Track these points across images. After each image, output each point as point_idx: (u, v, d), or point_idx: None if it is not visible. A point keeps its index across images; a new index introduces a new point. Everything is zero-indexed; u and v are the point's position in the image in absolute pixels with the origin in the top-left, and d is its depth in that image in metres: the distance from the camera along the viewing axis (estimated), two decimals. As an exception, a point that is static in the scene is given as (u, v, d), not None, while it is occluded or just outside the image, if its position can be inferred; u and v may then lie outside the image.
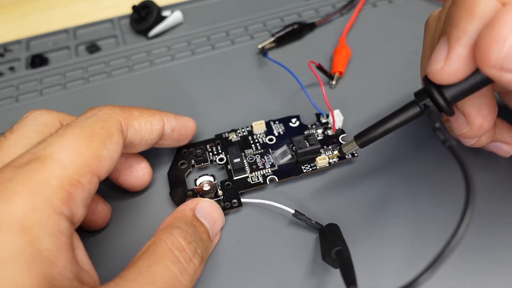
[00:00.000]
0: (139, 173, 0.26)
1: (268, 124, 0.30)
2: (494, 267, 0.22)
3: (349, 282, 0.19)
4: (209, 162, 0.28)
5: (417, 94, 0.21)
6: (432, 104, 0.20)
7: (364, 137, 0.23)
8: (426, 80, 0.20)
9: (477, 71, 0.18)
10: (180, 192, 0.26)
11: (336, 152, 0.27)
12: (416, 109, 0.21)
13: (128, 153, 0.26)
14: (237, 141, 0.29)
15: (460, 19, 0.17)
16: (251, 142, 0.29)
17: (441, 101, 0.19)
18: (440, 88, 0.19)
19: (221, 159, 0.28)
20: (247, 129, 0.30)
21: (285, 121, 0.30)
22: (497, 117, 0.24)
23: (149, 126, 0.24)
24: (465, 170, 0.17)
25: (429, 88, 0.20)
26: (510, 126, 0.25)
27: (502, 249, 0.23)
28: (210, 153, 0.28)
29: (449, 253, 0.15)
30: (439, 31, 0.21)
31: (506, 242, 0.23)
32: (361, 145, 0.23)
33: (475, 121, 0.21)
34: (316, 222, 0.24)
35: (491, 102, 0.21)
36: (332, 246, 0.22)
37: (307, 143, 0.27)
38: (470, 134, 0.21)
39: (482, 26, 0.17)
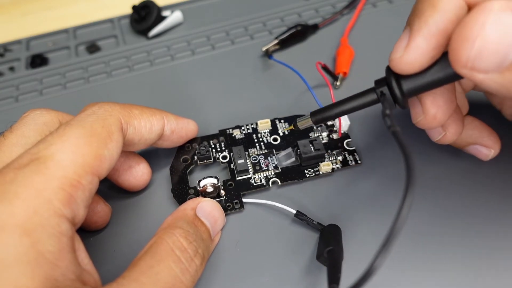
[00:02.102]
0: (138, 173, 0.26)
1: (273, 123, 0.30)
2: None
3: (331, 281, 0.19)
4: (212, 160, 0.28)
5: (377, 81, 0.21)
6: (388, 92, 0.20)
7: (319, 115, 0.23)
8: (387, 69, 0.20)
9: (437, 68, 0.18)
10: (181, 188, 0.26)
11: (337, 157, 0.27)
12: (373, 96, 0.21)
13: (127, 153, 0.26)
14: (241, 138, 0.29)
15: (423, 11, 0.18)
16: (255, 141, 0.29)
17: (397, 91, 0.20)
18: (399, 79, 0.20)
19: (224, 157, 0.28)
20: (252, 126, 0.29)
21: (290, 120, 0.30)
22: (478, 120, 0.24)
23: (149, 126, 0.24)
24: (406, 154, 0.17)
25: (389, 77, 0.20)
26: (491, 129, 0.25)
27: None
28: (213, 150, 0.28)
29: (394, 236, 0.16)
30: None
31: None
32: (316, 122, 0.24)
33: (429, 111, 0.21)
34: (317, 223, 0.24)
35: (448, 94, 0.21)
36: (326, 246, 0.22)
37: (312, 148, 0.27)
38: (425, 124, 0.21)
39: (444, 20, 0.17)
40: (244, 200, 0.26)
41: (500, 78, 0.16)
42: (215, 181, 0.25)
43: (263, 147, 0.28)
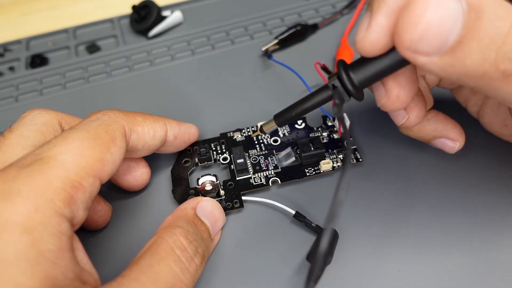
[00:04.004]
0: (137, 173, 0.26)
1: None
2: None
3: (310, 278, 0.20)
4: (213, 161, 0.28)
5: (330, 76, 0.21)
6: (339, 84, 0.20)
7: (281, 117, 0.24)
8: (338, 63, 0.21)
9: (385, 56, 0.19)
10: (182, 190, 0.26)
11: (340, 157, 0.27)
12: (329, 92, 0.21)
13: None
14: (242, 140, 0.29)
15: None
16: (256, 142, 0.29)
17: (347, 83, 0.20)
18: (348, 72, 0.20)
19: (224, 159, 0.28)
20: (253, 129, 0.29)
21: (291, 122, 0.30)
22: (442, 114, 0.25)
23: (152, 132, 0.24)
24: (345, 130, 0.19)
25: (339, 70, 0.20)
26: (455, 122, 0.25)
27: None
28: (214, 152, 0.28)
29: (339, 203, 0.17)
30: None
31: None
32: (280, 124, 0.24)
33: (392, 91, 0.21)
34: (316, 225, 0.24)
35: (409, 73, 0.21)
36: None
37: (312, 147, 0.27)
38: (389, 105, 0.21)
39: None
40: (244, 198, 0.26)
41: (440, 62, 0.16)
42: (213, 178, 0.25)
43: (263, 149, 0.28)
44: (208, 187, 0.25)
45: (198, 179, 0.25)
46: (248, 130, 0.29)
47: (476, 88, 0.17)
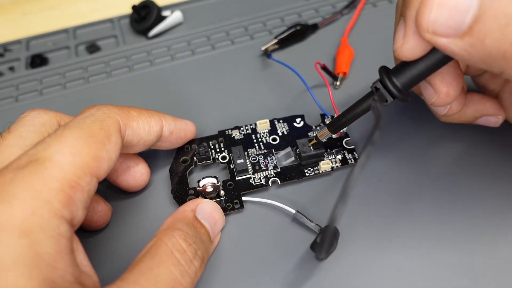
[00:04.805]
0: (136, 173, 0.26)
1: (272, 123, 0.30)
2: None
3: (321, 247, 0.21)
4: (212, 161, 0.28)
5: (374, 83, 0.22)
6: (381, 86, 0.21)
7: (334, 125, 0.25)
8: (380, 69, 0.22)
9: (425, 56, 0.20)
10: (181, 189, 0.26)
11: (338, 157, 0.27)
12: (374, 96, 0.22)
13: (126, 153, 0.26)
14: (241, 139, 0.29)
15: (412, 1, 0.19)
16: (255, 141, 0.29)
17: (391, 87, 0.21)
18: (390, 76, 0.21)
19: (223, 158, 0.28)
20: (251, 127, 0.29)
21: (289, 120, 0.30)
22: (477, 93, 0.26)
23: (147, 127, 0.24)
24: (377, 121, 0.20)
25: (381, 76, 0.21)
26: (491, 98, 0.26)
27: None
28: (213, 151, 0.28)
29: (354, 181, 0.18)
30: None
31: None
32: (333, 132, 0.25)
33: (441, 89, 0.22)
34: (317, 224, 0.24)
35: (453, 70, 0.21)
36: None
37: (311, 147, 0.27)
38: (440, 102, 0.22)
39: None
40: (244, 198, 0.26)
41: (461, 42, 0.17)
42: (214, 180, 0.25)
43: (262, 147, 0.28)
44: (209, 189, 0.25)
45: (199, 181, 0.25)
46: (246, 128, 0.29)
47: (500, 71, 0.18)
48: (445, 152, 0.28)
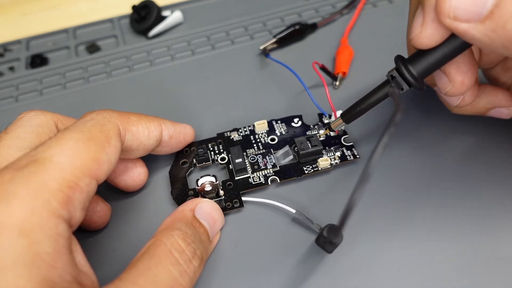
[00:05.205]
0: (135, 173, 0.26)
1: (270, 124, 0.30)
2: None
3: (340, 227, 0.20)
4: (211, 162, 0.28)
5: (391, 70, 0.22)
6: (397, 75, 0.22)
7: (348, 114, 0.25)
8: (396, 57, 0.22)
9: (442, 44, 0.20)
10: (181, 191, 0.26)
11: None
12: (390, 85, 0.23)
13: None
14: (239, 140, 0.29)
15: None
16: (253, 142, 0.29)
17: (407, 75, 0.21)
18: (406, 64, 0.21)
19: (222, 159, 0.28)
20: (249, 128, 0.29)
21: (287, 121, 0.30)
22: (489, 85, 0.26)
23: (146, 132, 0.24)
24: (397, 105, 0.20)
25: (397, 63, 0.22)
26: (503, 89, 0.26)
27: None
28: (212, 152, 0.28)
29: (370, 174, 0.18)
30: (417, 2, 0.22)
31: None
32: (347, 121, 0.25)
33: (456, 78, 0.22)
34: (317, 224, 0.24)
35: (468, 59, 0.22)
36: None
37: (309, 144, 0.27)
38: (454, 91, 0.22)
39: None
40: (243, 199, 0.26)
41: (482, 27, 0.17)
42: (213, 179, 0.25)
43: (261, 148, 0.28)
44: (208, 188, 0.25)
45: (197, 180, 0.25)
46: (245, 129, 0.29)
47: None
48: (442, 149, 0.28)
